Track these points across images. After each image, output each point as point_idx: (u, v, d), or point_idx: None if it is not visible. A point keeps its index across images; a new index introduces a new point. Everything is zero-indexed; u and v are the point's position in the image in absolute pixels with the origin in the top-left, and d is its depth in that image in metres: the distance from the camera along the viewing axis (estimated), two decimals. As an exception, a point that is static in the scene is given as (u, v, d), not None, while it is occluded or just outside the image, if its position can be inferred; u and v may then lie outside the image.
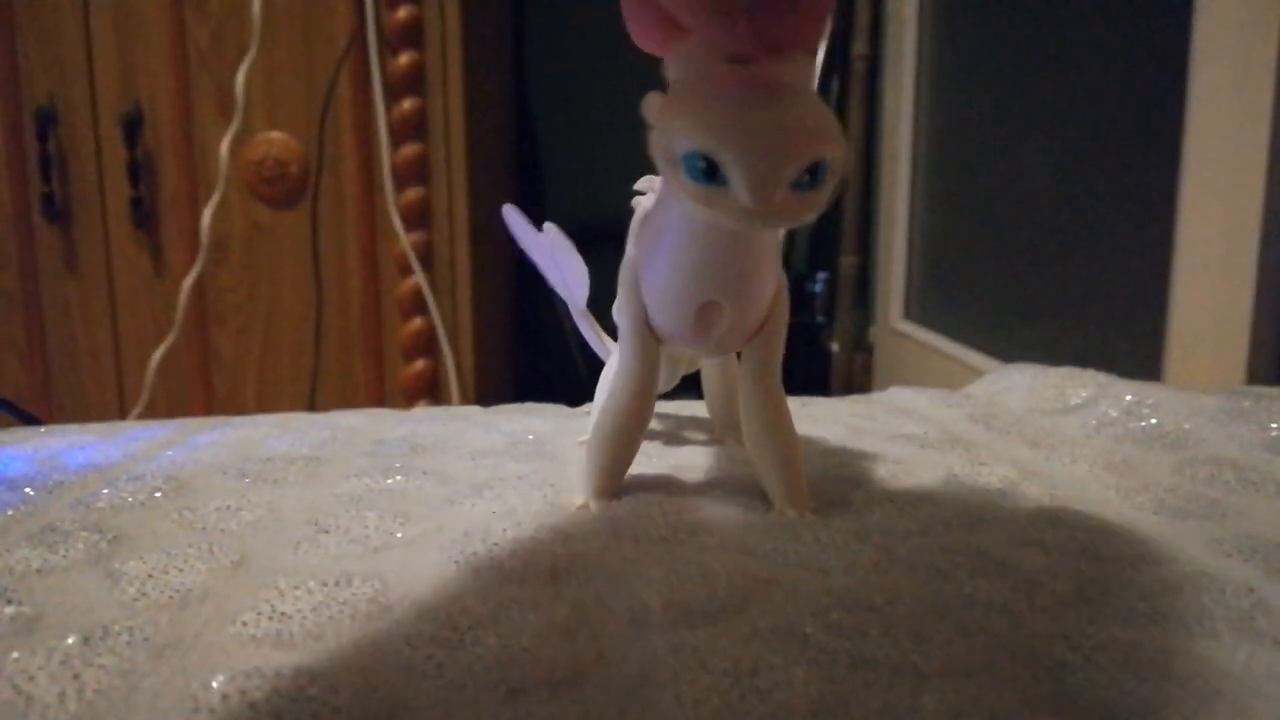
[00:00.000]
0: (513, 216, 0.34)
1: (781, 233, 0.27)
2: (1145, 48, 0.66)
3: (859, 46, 1.24)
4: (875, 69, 1.24)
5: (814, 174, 0.22)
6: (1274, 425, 0.35)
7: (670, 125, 0.22)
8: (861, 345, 1.28)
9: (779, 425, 0.29)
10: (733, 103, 0.21)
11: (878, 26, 1.23)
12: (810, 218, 0.23)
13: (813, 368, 1.31)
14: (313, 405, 1.01)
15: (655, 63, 0.24)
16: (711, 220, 0.23)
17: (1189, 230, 0.58)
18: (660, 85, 0.24)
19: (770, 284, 0.27)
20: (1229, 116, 0.54)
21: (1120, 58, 0.69)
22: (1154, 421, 0.37)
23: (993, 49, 0.92)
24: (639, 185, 0.31)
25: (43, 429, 0.39)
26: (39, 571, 0.25)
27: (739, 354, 0.30)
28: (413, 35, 0.96)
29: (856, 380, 1.27)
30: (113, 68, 0.97)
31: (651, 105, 0.23)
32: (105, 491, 0.30)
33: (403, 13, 0.95)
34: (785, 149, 0.21)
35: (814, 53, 0.24)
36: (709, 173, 0.21)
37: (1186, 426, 0.36)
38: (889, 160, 1.16)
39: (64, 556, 0.25)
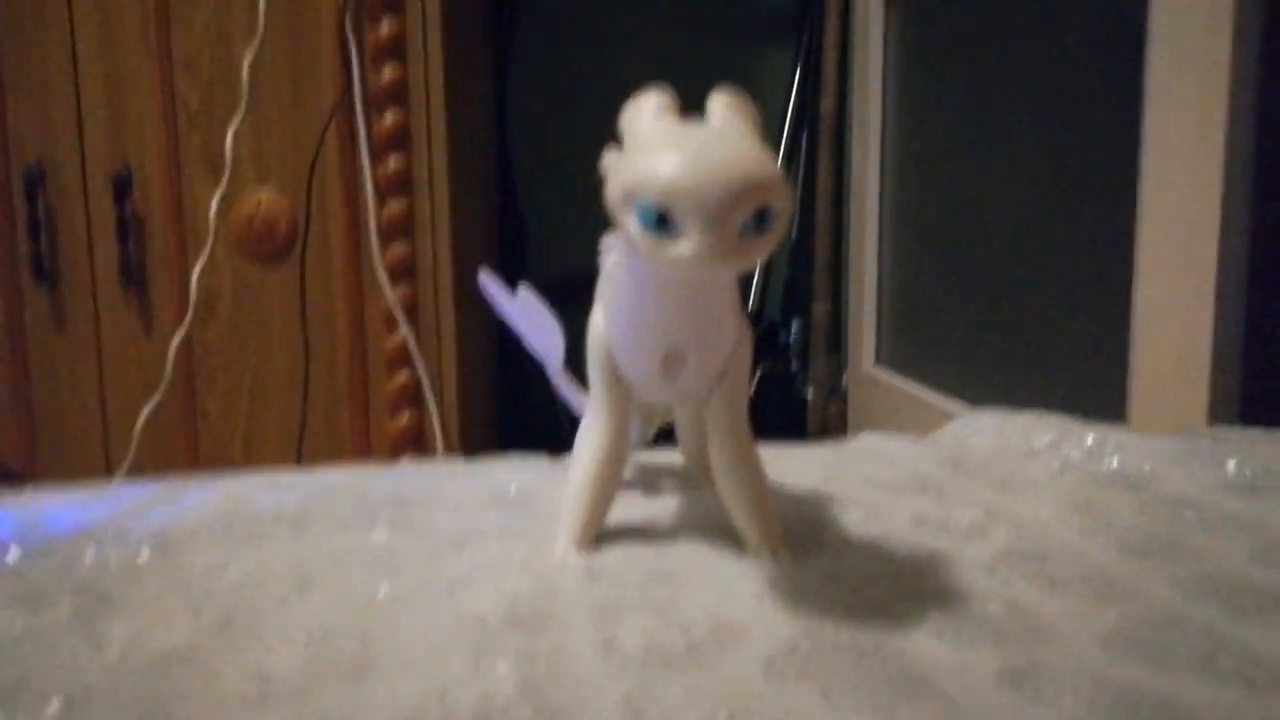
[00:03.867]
0: (487, 282, 0.36)
1: (735, 279, 0.28)
2: (1100, 99, 0.68)
3: (826, 101, 1.27)
4: (842, 122, 1.27)
5: (760, 220, 0.23)
6: (1231, 464, 0.36)
7: (623, 178, 0.23)
8: (836, 391, 1.29)
9: (747, 468, 0.30)
10: (681, 154, 0.23)
11: (844, 81, 1.26)
12: (758, 261, 0.24)
13: (788, 414, 1.31)
14: (299, 460, 1.01)
15: None
16: (666, 268, 0.24)
17: (1146, 275, 0.60)
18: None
19: (731, 329, 0.28)
20: (1182, 165, 0.56)
21: (1076, 110, 0.71)
22: (1115, 463, 0.38)
23: (954, 102, 0.95)
24: (604, 242, 0.32)
25: (28, 490, 0.40)
26: (23, 634, 0.25)
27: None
28: (398, 95, 0.98)
29: (832, 425, 1.27)
30: (102, 129, 0.99)
31: (608, 160, 0.25)
32: (91, 553, 0.30)
33: (388, 73, 0.97)
34: (731, 197, 0.22)
35: (756, 117, 0.26)
36: (660, 222, 0.23)
37: (1146, 468, 0.37)
38: (857, 210, 1.18)
39: (49, 619, 0.26)
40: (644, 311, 0.28)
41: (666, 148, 0.23)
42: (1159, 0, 0.57)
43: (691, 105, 0.26)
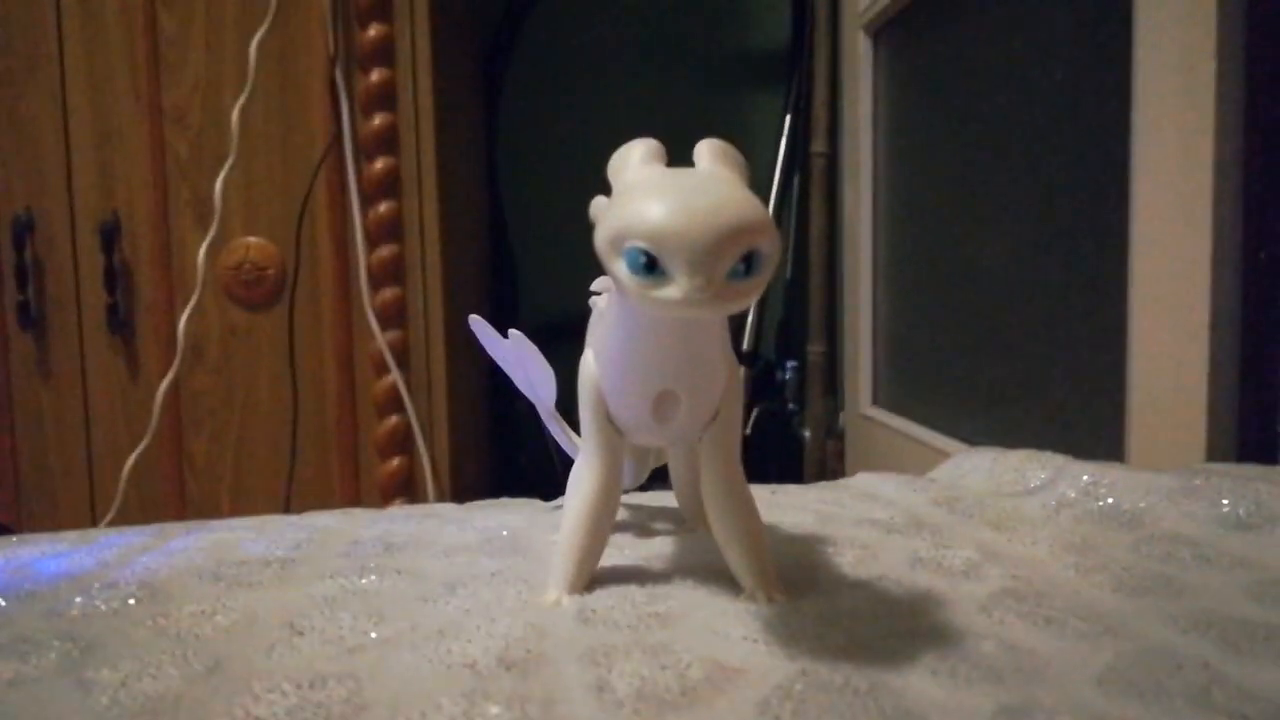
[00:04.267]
0: (479, 325, 0.36)
1: (726, 320, 0.29)
2: (1090, 135, 0.69)
3: (818, 145, 1.29)
4: (834, 165, 1.29)
5: (749, 263, 0.23)
6: (1225, 502, 0.36)
7: (611, 223, 0.24)
8: (832, 431, 1.29)
9: (741, 509, 0.30)
10: (668, 199, 0.23)
11: (835, 126, 1.28)
12: (747, 304, 0.24)
13: (785, 454, 1.32)
14: (288, 506, 1.00)
15: None
16: (654, 311, 0.24)
17: (1141, 312, 0.60)
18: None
19: (722, 370, 0.29)
20: (1174, 198, 0.57)
21: (1067, 147, 0.73)
22: (1111, 501, 0.38)
23: (946, 141, 0.97)
24: (595, 286, 0.32)
25: (14, 538, 0.39)
26: (10, 683, 0.25)
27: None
28: (388, 142, 0.99)
29: (829, 465, 1.28)
30: (92, 178, 0.99)
31: (597, 207, 0.25)
32: (78, 600, 0.30)
33: (378, 120, 0.98)
34: (719, 241, 0.22)
35: (743, 165, 0.26)
36: (649, 266, 0.23)
37: (1142, 505, 0.37)
38: (850, 252, 1.20)
39: (36, 666, 0.25)
40: (635, 354, 0.28)
41: (654, 193, 0.23)
42: (1144, 38, 0.59)
43: (682, 151, 0.26)
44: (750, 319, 1.32)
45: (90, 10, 0.98)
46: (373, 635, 0.27)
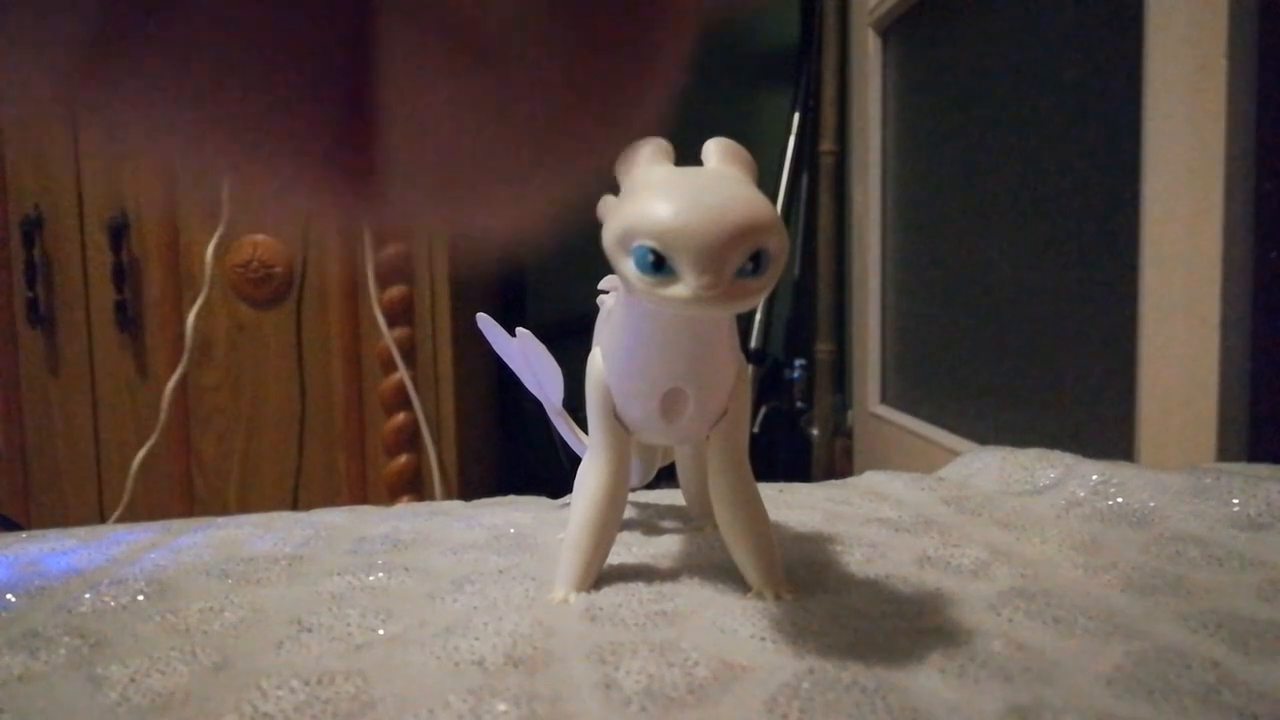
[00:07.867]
0: (486, 323, 0.36)
1: (734, 318, 0.29)
2: (1101, 133, 0.69)
3: (826, 143, 1.29)
4: (842, 163, 1.28)
5: (756, 262, 0.23)
6: (1236, 501, 0.36)
7: (619, 222, 0.24)
8: (841, 430, 1.29)
9: (749, 507, 0.30)
10: (677, 198, 0.23)
11: (843, 124, 1.28)
12: (755, 303, 0.24)
13: (794, 452, 1.31)
14: (295, 503, 1.00)
15: None
16: (662, 309, 0.24)
17: (1152, 311, 0.60)
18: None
19: (730, 368, 0.29)
20: (1185, 197, 0.57)
21: (1077, 145, 0.72)
22: (1120, 500, 0.37)
23: (955, 140, 0.96)
24: (603, 284, 0.32)
25: (24, 534, 0.39)
26: (20, 678, 0.25)
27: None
28: (395, 140, 0.99)
29: (837, 464, 1.27)
30: (100, 176, 0.99)
31: (605, 205, 0.25)
32: (87, 596, 0.30)
33: (385, 118, 0.98)
34: (727, 240, 0.22)
35: (751, 164, 0.26)
36: (657, 265, 0.23)
37: (1152, 504, 0.37)
38: (859, 250, 1.19)
39: (46, 662, 0.25)
40: (642, 353, 0.28)
41: (662, 192, 0.23)
42: (1156, 38, 0.59)
43: (690, 150, 0.26)
44: (758, 317, 1.32)
45: (100, 8, 0.98)
46: (380, 632, 0.27)
